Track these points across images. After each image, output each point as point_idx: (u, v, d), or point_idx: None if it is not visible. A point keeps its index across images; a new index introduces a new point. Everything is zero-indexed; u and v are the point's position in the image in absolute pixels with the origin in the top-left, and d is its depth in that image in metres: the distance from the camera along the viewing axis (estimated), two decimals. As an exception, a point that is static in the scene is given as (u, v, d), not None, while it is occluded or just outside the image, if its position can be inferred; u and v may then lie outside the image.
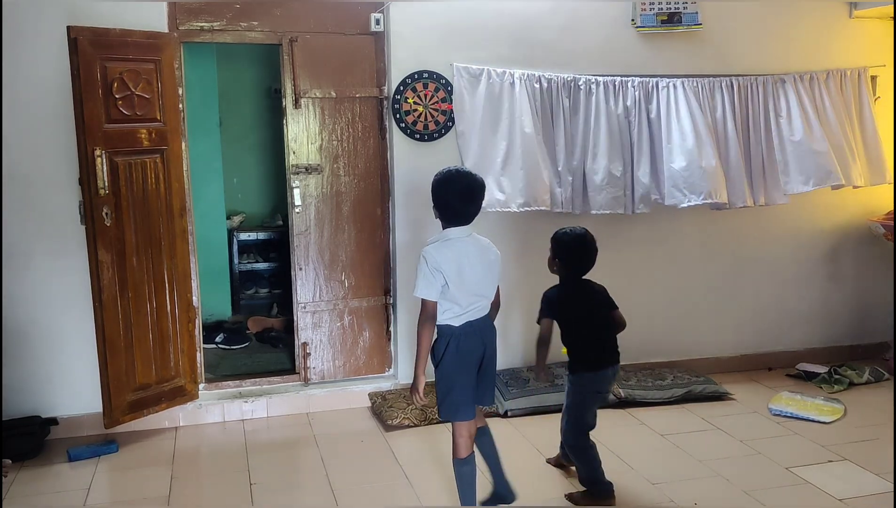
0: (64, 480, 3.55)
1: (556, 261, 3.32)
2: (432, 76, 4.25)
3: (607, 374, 3.29)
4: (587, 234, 3.29)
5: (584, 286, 3.32)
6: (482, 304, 2.95)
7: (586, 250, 3.27)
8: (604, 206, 4.33)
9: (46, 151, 3.78)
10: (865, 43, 4.83)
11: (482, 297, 2.94)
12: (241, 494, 3.39)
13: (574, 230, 3.30)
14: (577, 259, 3.27)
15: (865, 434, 3.93)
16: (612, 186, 4.32)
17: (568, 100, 4.32)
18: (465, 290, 2.87)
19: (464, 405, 2.95)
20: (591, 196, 4.34)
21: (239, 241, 6.03)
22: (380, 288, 4.45)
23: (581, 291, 3.31)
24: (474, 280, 2.90)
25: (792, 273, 4.99)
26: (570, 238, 3.28)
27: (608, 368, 3.28)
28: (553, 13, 4.37)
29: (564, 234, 3.30)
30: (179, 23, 3.99)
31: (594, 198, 4.34)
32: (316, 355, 4.39)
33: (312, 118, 4.24)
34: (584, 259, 3.28)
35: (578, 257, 3.27)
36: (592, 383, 3.29)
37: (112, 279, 3.66)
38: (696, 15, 4.47)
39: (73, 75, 3.48)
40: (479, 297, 2.93)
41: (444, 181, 2.94)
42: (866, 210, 4.99)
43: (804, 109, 4.55)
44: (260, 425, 4.15)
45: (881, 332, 5.10)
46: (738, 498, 3.29)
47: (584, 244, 3.26)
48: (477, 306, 2.93)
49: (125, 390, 3.77)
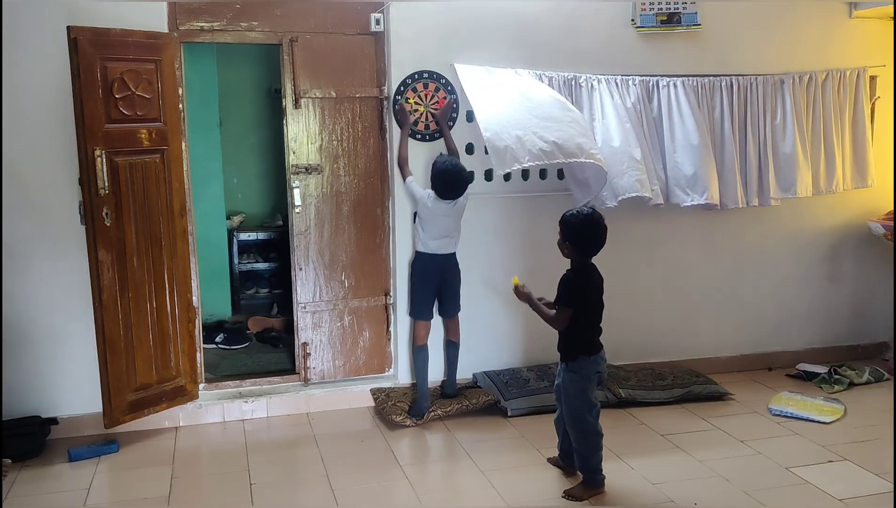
0: (64, 480, 3.55)
1: (566, 244, 3.26)
2: (432, 76, 4.25)
3: (602, 355, 3.33)
4: (595, 213, 3.25)
5: (594, 270, 3.30)
6: (445, 243, 4.09)
7: (597, 231, 3.23)
8: (628, 189, 4.14)
9: (46, 151, 3.78)
10: (865, 43, 4.84)
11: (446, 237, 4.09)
12: (241, 494, 3.39)
13: (582, 211, 3.26)
14: (590, 240, 3.23)
15: (865, 434, 3.94)
16: (634, 169, 4.16)
17: (570, 98, 4.31)
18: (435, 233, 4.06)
19: (420, 309, 4.18)
20: (615, 181, 4.15)
21: (239, 241, 6.03)
22: (380, 288, 4.45)
23: (594, 275, 3.30)
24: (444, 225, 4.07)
25: (792, 273, 4.99)
26: (580, 219, 3.23)
27: (601, 349, 3.33)
28: (553, 13, 4.37)
29: (573, 215, 3.26)
30: (179, 23, 3.99)
31: (617, 183, 4.16)
32: (316, 355, 4.39)
33: (312, 118, 4.24)
34: (595, 240, 3.24)
35: (590, 237, 3.23)
36: (593, 364, 3.30)
37: (112, 279, 3.66)
38: (696, 15, 4.48)
39: (73, 75, 3.48)
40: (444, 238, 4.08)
41: (435, 166, 4.02)
42: (866, 210, 5.00)
43: (797, 114, 4.59)
44: (260, 425, 4.15)
45: (881, 332, 5.11)
46: (738, 498, 3.29)
47: (595, 225, 3.22)
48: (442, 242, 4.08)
49: (125, 390, 3.77)
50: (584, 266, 3.29)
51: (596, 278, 3.30)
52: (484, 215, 4.40)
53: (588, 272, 3.28)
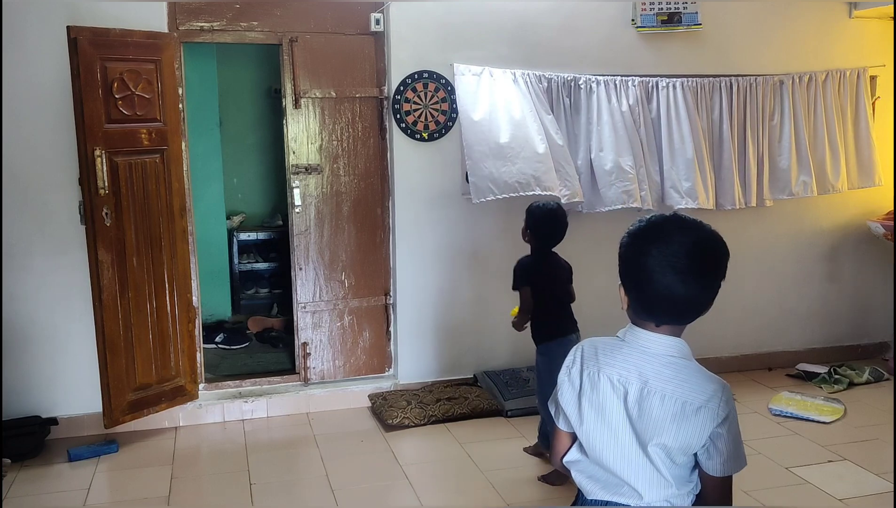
0: (64, 480, 3.55)
1: (527, 232, 3.48)
2: (432, 76, 4.25)
3: (572, 339, 3.41)
4: (559, 208, 3.47)
5: (551, 258, 3.50)
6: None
7: (557, 224, 3.43)
8: (615, 201, 4.25)
9: (46, 151, 3.78)
10: (865, 43, 4.83)
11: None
12: (241, 494, 3.39)
13: (547, 205, 3.47)
14: (548, 232, 3.44)
15: (865, 434, 3.94)
16: (623, 180, 4.26)
17: (569, 99, 4.32)
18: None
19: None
20: (602, 192, 4.28)
21: (239, 241, 6.03)
22: (380, 288, 4.45)
23: (549, 262, 3.49)
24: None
25: (792, 273, 4.99)
26: (542, 212, 3.44)
27: (571, 334, 3.45)
28: (553, 13, 4.37)
29: (538, 208, 3.47)
30: (179, 23, 3.99)
31: (605, 194, 4.27)
32: (316, 355, 4.39)
33: (312, 118, 4.24)
34: (553, 232, 3.44)
35: (549, 229, 3.44)
36: (561, 347, 3.30)
37: (112, 279, 3.66)
38: (696, 15, 4.47)
39: (73, 75, 3.48)
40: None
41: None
42: (866, 210, 4.99)
43: (796, 115, 4.60)
44: (260, 425, 4.15)
45: (881, 332, 5.10)
46: (739, 498, 3.29)
47: (555, 218, 3.43)
48: None
49: (125, 390, 3.77)
50: (541, 254, 3.49)
51: (550, 265, 3.48)
52: (489, 217, 4.40)
53: (541, 259, 3.48)
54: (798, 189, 4.62)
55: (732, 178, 4.50)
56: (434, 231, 4.38)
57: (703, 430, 1.58)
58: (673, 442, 1.58)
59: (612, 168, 4.25)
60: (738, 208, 4.55)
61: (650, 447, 1.59)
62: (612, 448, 1.64)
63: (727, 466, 1.62)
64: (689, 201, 4.37)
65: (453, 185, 4.35)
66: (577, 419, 1.69)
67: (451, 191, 4.35)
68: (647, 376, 1.61)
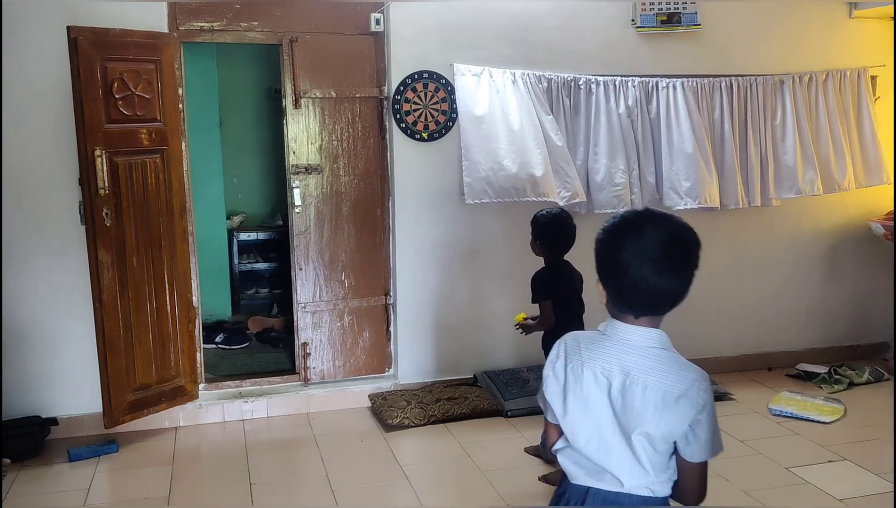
0: (64, 480, 3.55)
1: (537, 243, 3.43)
2: (432, 76, 4.25)
3: None
4: (563, 214, 3.43)
5: (565, 268, 3.44)
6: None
7: (563, 230, 3.38)
8: (605, 205, 4.32)
9: (46, 151, 3.78)
10: (865, 43, 4.83)
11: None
12: (241, 494, 3.39)
13: (551, 211, 3.44)
14: (555, 238, 3.39)
15: (865, 434, 3.94)
16: (613, 185, 4.32)
17: (568, 99, 4.32)
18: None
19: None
20: (594, 195, 4.36)
21: (239, 241, 6.03)
22: (380, 288, 4.45)
23: (564, 271, 3.43)
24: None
25: (792, 273, 4.99)
26: (547, 219, 3.40)
27: None
28: (553, 13, 4.37)
29: (542, 216, 3.42)
30: (179, 23, 3.99)
31: (596, 197, 4.35)
32: (316, 355, 4.39)
33: (312, 118, 4.24)
34: (560, 238, 3.39)
35: (556, 236, 3.39)
36: None
37: (112, 279, 3.66)
38: (696, 15, 4.47)
39: (73, 75, 3.48)
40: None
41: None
42: (866, 210, 4.99)
43: (798, 114, 4.60)
44: (260, 425, 4.15)
45: (881, 332, 5.10)
46: (738, 498, 3.29)
47: (561, 224, 3.38)
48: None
49: (125, 390, 3.77)
50: (556, 264, 3.43)
51: (570, 274, 3.42)
52: (489, 217, 4.40)
53: (560, 269, 3.42)
54: (805, 187, 4.60)
55: (735, 177, 4.50)
56: (434, 231, 4.38)
57: (684, 418, 1.64)
58: (655, 431, 1.64)
59: (604, 174, 4.31)
60: (742, 207, 4.55)
61: (634, 436, 1.65)
62: (594, 439, 1.70)
63: (704, 451, 1.67)
64: (688, 201, 4.35)
65: (453, 185, 4.35)
66: (562, 412, 1.74)
67: (451, 191, 4.35)
68: (628, 367, 1.67)
